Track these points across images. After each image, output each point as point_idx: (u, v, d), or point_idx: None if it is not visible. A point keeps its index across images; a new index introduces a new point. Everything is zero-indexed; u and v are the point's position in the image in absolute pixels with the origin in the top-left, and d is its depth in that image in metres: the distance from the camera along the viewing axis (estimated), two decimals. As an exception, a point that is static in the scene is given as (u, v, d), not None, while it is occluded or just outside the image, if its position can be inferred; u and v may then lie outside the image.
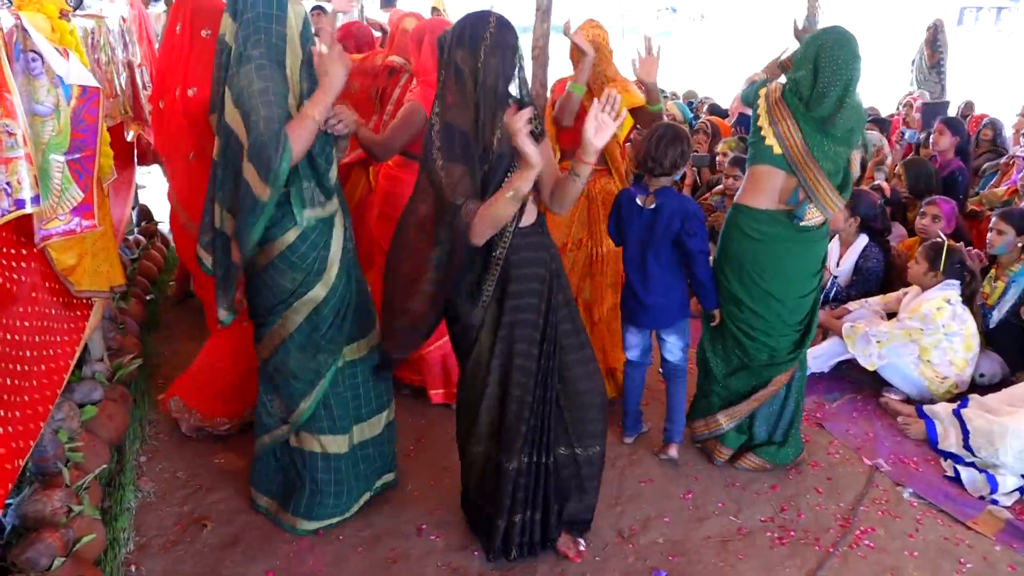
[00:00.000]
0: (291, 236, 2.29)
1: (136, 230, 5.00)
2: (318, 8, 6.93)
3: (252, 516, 2.66)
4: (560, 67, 3.36)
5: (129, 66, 4.14)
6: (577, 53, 3.11)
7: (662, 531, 2.66)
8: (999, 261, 3.64)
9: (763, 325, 2.79)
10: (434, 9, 8.23)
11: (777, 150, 2.61)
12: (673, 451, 3.06)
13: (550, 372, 2.30)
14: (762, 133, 2.66)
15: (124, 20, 4.28)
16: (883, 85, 11.59)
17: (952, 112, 8.36)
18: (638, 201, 2.82)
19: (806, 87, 2.58)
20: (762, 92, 2.72)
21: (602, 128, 2.02)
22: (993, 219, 3.61)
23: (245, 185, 2.14)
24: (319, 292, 2.37)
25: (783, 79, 2.82)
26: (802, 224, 2.66)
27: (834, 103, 2.53)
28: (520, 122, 1.94)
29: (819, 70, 2.53)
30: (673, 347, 3.02)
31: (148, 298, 4.23)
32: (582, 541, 2.53)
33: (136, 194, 5.12)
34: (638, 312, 2.95)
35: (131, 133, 3.94)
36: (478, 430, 2.36)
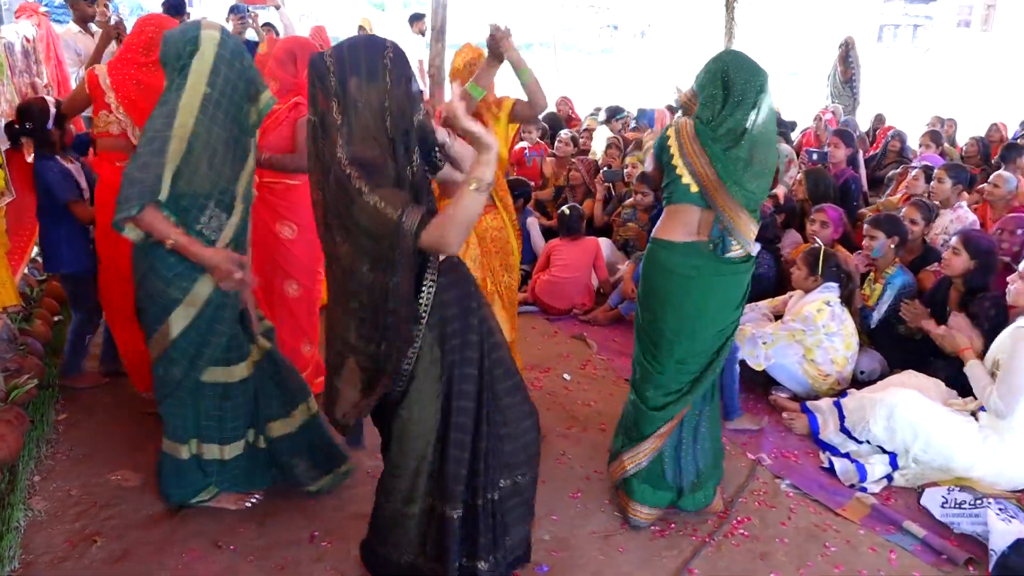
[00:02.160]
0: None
1: (48, 251, 4.93)
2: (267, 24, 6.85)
3: (143, 531, 2.68)
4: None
5: (33, 87, 4.13)
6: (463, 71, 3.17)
7: (549, 529, 2.76)
8: (876, 264, 3.87)
9: (679, 354, 2.67)
10: (360, 28, 8.36)
11: (694, 188, 2.53)
12: (729, 425, 3.45)
13: (489, 410, 2.19)
14: (678, 172, 2.56)
15: (29, 40, 4.27)
16: (800, 99, 12.07)
17: (864, 124, 8.82)
18: None
19: (717, 103, 2.53)
20: (670, 132, 2.60)
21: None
22: (865, 227, 3.85)
23: None
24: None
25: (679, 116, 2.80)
26: (726, 256, 2.59)
27: (751, 107, 2.49)
28: (458, 106, 1.86)
29: (730, 82, 2.50)
30: None
31: (55, 319, 4.19)
32: None
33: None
34: None
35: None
36: (420, 484, 2.18)
